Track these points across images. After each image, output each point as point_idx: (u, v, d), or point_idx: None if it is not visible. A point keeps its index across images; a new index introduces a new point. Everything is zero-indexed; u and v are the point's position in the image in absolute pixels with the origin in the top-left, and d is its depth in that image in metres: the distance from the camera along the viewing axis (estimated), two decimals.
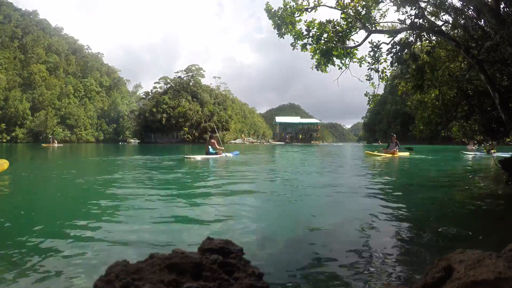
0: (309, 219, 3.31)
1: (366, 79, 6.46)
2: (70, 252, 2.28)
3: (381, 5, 6.08)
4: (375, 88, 6.55)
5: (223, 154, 13.04)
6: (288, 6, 6.19)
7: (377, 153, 15.22)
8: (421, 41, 5.38)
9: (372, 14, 6.09)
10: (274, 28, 6.34)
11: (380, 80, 6.44)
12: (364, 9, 5.99)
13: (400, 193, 5.09)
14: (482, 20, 5.32)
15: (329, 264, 2.09)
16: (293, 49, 6.48)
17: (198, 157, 11.85)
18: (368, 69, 6.32)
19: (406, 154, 15.95)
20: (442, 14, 6.12)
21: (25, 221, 3.22)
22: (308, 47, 6.39)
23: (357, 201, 4.23)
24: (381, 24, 6.28)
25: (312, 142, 77.31)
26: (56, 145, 36.97)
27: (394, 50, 5.20)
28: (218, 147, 13.17)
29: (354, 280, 1.86)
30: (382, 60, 6.20)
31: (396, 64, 5.28)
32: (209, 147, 12.90)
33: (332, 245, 2.48)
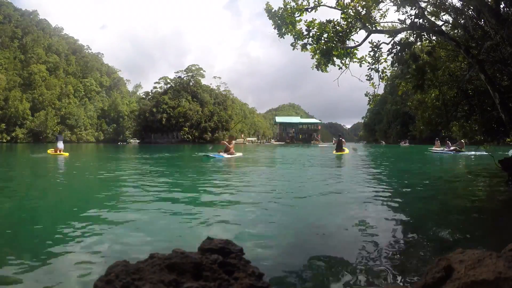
0: (309, 219, 3.31)
1: (366, 79, 6.45)
2: (70, 252, 2.28)
3: (381, 5, 6.07)
4: (375, 88, 6.54)
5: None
6: (288, 6, 6.18)
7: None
8: (421, 41, 5.37)
9: (372, 14, 6.07)
10: (274, 28, 6.33)
11: (380, 80, 6.44)
12: (364, 9, 5.98)
13: (399, 193, 5.09)
14: (482, 20, 5.31)
15: (329, 264, 2.09)
16: (293, 49, 6.47)
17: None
18: (368, 69, 6.31)
19: None
20: (442, 14, 6.11)
21: (24, 222, 3.22)
22: (308, 47, 6.38)
23: (357, 202, 4.23)
24: (381, 24, 6.27)
25: (311, 142, 77.26)
26: None
27: (394, 50, 5.20)
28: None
29: (354, 280, 1.86)
30: (382, 60, 6.19)
31: (396, 64, 5.28)
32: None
33: (332, 245, 2.48)
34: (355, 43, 6.32)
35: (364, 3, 5.91)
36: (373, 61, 6.22)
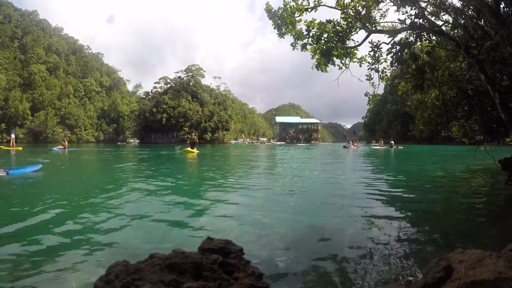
0: (309, 219, 3.31)
1: (366, 79, 6.45)
2: (70, 252, 2.28)
3: (381, 5, 6.07)
4: (375, 88, 6.54)
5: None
6: (288, 6, 6.18)
7: None
8: (421, 41, 5.37)
9: (372, 14, 6.07)
10: (274, 28, 6.33)
11: (380, 80, 6.44)
12: (364, 9, 5.98)
13: (400, 193, 5.09)
14: (482, 20, 5.31)
15: (329, 264, 2.09)
16: (293, 49, 6.47)
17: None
18: (368, 69, 6.31)
19: None
20: (442, 14, 6.11)
21: (25, 221, 3.22)
22: (308, 47, 6.38)
23: (357, 201, 4.23)
24: (381, 24, 6.27)
25: (312, 142, 77.23)
26: None
27: (394, 50, 5.19)
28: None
29: (354, 280, 1.86)
30: (382, 60, 6.19)
31: (396, 64, 5.27)
32: None
33: (332, 245, 2.48)
34: (355, 43, 6.31)
35: (364, 3, 5.91)
36: (373, 61, 6.22)
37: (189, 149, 16.86)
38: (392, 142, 33.21)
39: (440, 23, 5.89)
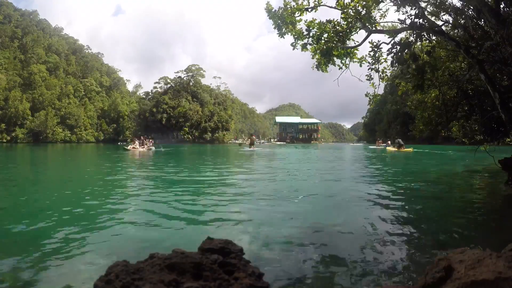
0: (309, 219, 3.31)
1: (366, 79, 6.45)
2: (70, 252, 2.28)
3: (381, 5, 6.07)
4: (375, 88, 6.54)
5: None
6: (288, 6, 6.18)
7: None
8: (421, 41, 5.37)
9: (372, 14, 6.07)
10: (275, 28, 6.33)
11: (380, 80, 6.44)
12: (364, 9, 5.98)
13: (399, 193, 5.09)
14: (482, 20, 5.31)
15: (329, 264, 2.09)
16: (293, 49, 6.47)
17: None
18: (368, 69, 6.31)
19: None
20: (442, 14, 6.11)
21: (25, 220, 3.22)
22: (309, 47, 6.38)
23: (357, 202, 4.23)
24: (381, 24, 6.26)
25: (312, 142, 77.25)
26: None
27: (394, 50, 5.19)
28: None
29: (354, 279, 1.86)
30: (382, 60, 6.19)
31: (396, 64, 5.27)
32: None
33: (332, 245, 2.48)
34: (355, 43, 6.31)
35: (364, 3, 5.91)
36: (373, 61, 6.22)
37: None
38: (389, 141, 34.22)
39: (440, 23, 5.89)
